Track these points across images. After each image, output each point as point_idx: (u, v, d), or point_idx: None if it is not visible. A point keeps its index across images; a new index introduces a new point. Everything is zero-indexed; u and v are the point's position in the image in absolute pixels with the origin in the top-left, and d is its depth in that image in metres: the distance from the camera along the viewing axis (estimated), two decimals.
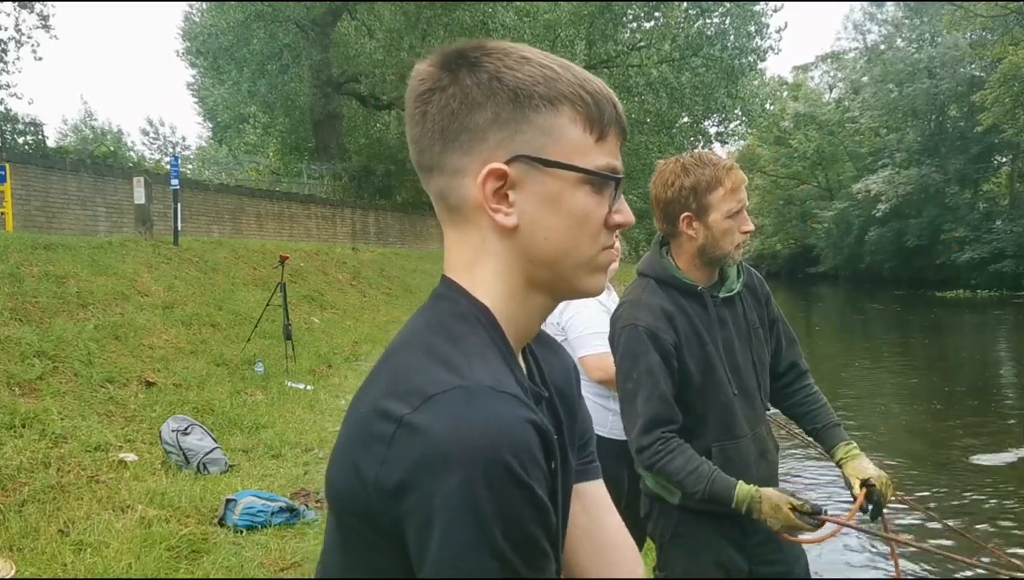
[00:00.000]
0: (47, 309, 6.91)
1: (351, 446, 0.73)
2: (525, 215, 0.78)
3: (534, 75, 0.77)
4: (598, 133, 0.79)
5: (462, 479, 0.64)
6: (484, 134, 0.77)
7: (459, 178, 0.79)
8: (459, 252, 0.82)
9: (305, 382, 7.78)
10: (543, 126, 0.77)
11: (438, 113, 0.79)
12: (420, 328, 0.79)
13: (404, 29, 21.35)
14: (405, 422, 0.67)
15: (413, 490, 0.66)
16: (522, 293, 0.81)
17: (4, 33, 19.32)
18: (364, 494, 0.69)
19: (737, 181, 1.96)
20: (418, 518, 0.66)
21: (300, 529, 4.14)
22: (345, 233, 20.60)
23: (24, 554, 3.60)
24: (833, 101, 50.47)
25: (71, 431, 5.08)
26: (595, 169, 0.78)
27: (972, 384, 11.63)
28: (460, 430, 0.66)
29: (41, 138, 17.65)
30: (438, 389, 0.68)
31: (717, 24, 27.03)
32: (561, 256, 0.79)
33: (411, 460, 0.66)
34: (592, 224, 0.80)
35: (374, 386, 0.75)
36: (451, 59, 0.79)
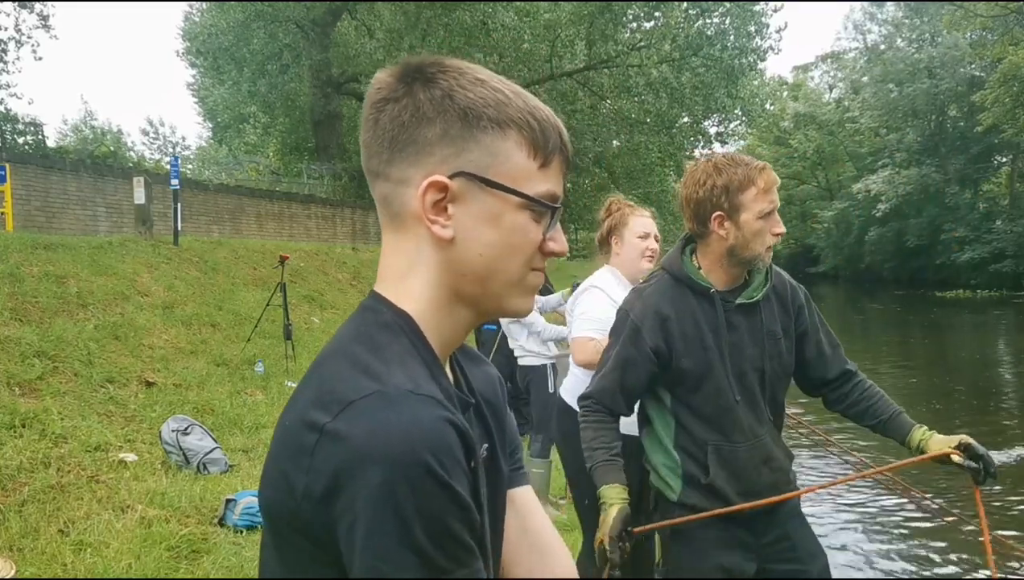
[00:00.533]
0: (47, 309, 6.91)
1: (280, 458, 0.74)
2: (462, 230, 0.80)
3: (486, 97, 0.79)
4: (542, 160, 0.81)
5: (381, 480, 0.66)
6: (431, 148, 0.79)
7: (402, 187, 0.81)
8: (393, 259, 0.84)
9: None
10: (489, 147, 0.79)
11: (389, 122, 0.81)
12: (345, 339, 0.81)
13: (404, 29, 21.34)
14: (326, 430, 0.69)
15: (338, 495, 0.68)
16: (448, 305, 0.83)
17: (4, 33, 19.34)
18: (295, 505, 0.71)
19: (770, 181, 1.95)
20: (345, 522, 0.68)
21: None
22: (345, 233, 20.60)
23: (24, 554, 3.60)
24: (833, 101, 50.47)
25: (71, 431, 5.08)
26: (535, 196, 0.80)
27: (972, 384, 11.63)
28: (378, 433, 0.67)
29: (41, 138, 17.67)
30: (357, 395, 0.70)
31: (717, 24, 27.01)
32: (492, 273, 0.81)
33: (333, 466, 0.68)
34: (526, 248, 0.82)
35: (301, 398, 0.77)
36: (409, 72, 0.82)
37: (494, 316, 0.88)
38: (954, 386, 11.45)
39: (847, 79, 46.62)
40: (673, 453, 2.06)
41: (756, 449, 2.05)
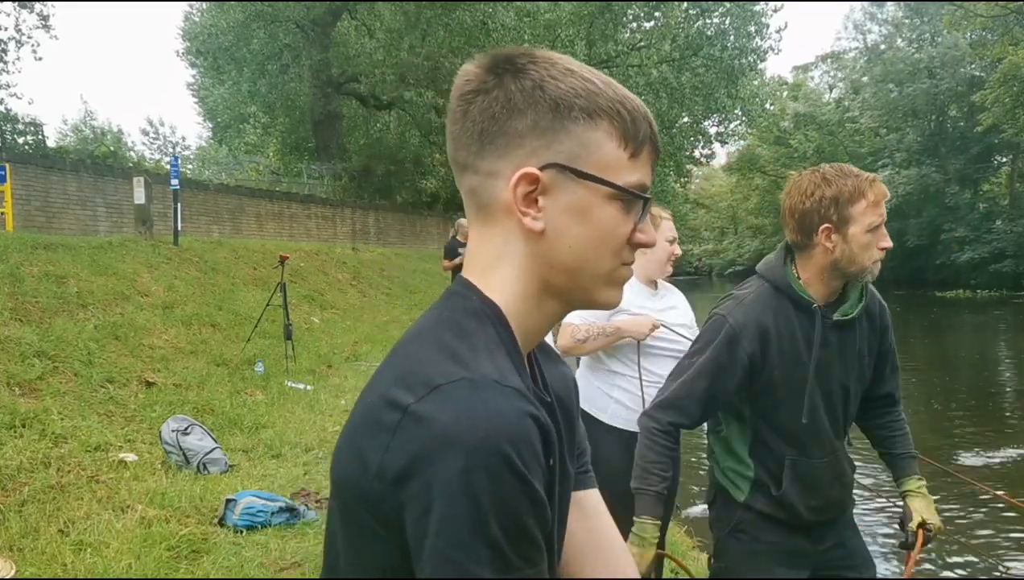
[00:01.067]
0: (47, 309, 6.91)
1: (357, 434, 0.74)
2: (552, 221, 0.80)
3: (576, 87, 0.79)
4: (632, 149, 0.81)
5: (461, 468, 0.65)
6: (521, 140, 0.79)
7: (492, 179, 0.81)
8: (483, 250, 0.84)
9: (305, 382, 7.78)
10: (580, 138, 0.79)
11: (479, 114, 0.80)
12: (431, 323, 0.80)
13: (404, 29, 21.34)
14: (410, 411, 0.69)
15: (414, 478, 0.67)
16: (536, 297, 0.83)
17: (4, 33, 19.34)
18: (367, 481, 0.71)
19: (880, 194, 1.90)
20: (418, 506, 0.67)
21: (300, 529, 4.14)
22: (345, 233, 20.60)
23: (24, 554, 3.60)
24: (833, 101, 50.46)
25: (71, 431, 5.08)
26: (626, 186, 0.80)
27: (972, 384, 11.63)
28: (463, 420, 0.67)
29: (41, 138, 17.67)
30: (444, 380, 0.70)
31: (717, 24, 27.04)
32: (581, 266, 0.81)
33: (414, 448, 0.68)
34: (616, 239, 0.81)
35: (383, 377, 0.77)
36: (499, 63, 0.81)
37: (582, 307, 0.87)
38: (954, 386, 11.45)
39: (847, 79, 46.63)
40: (747, 461, 2.04)
41: (831, 466, 2.05)
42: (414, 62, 20.96)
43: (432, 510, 0.66)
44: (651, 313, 2.89)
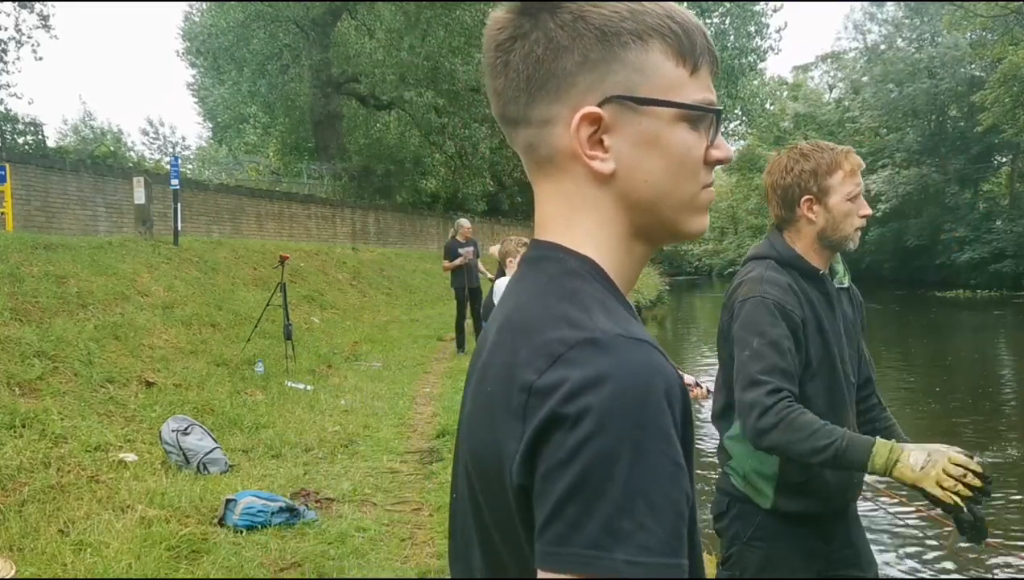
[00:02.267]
0: (47, 309, 6.91)
1: (488, 423, 0.69)
2: (623, 159, 0.74)
3: (619, 10, 0.73)
4: (692, 66, 0.75)
5: (592, 428, 0.60)
6: (573, 79, 0.73)
7: (549, 128, 0.75)
8: (554, 206, 0.78)
9: (305, 382, 7.78)
10: (634, 63, 0.73)
11: (522, 62, 0.74)
12: (529, 293, 0.75)
13: (404, 29, 21.33)
14: (536, 389, 0.64)
15: (545, 444, 0.62)
16: (626, 242, 0.77)
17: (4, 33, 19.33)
18: (506, 472, 0.66)
19: (855, 164, 1.97)
20: (544, 475, 0.62)
21: (300, 529, 4.14)
22: (345, 233, 20.60)
23: (24, 554, 3.60)
24: (833, 101, 50.47)
25: (71, 431, 5.08)
26: (693, 103, 0.75)
27: (971, 384, 11.63)
28: (590, 379, 0.62)
29: (41, 138, 17.67)
30: (564, 347, 0.65)
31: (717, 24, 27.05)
32: (662, 198, 0.76)
33: (545, 421, 0.63)
34: (692, 162, 0.76)
35: (497, 361, 0.71)
36: (530, 3, 0.75)
37: (669, 242, 0.82)
38: (953, 386, 11.45)
39: (847, 79, 46.63)
40: (770, 458, 1.94)
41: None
42: (414, 62, 20.95)
43: (554, 478, 0.61)
44: None
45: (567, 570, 0.59)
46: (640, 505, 0.59)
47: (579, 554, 0.59)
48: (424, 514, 4.52)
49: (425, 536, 4.18)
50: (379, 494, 4.84)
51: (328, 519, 4.32)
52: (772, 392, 1.81)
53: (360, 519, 4.32)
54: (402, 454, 5.79)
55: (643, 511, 0.59)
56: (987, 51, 31.19)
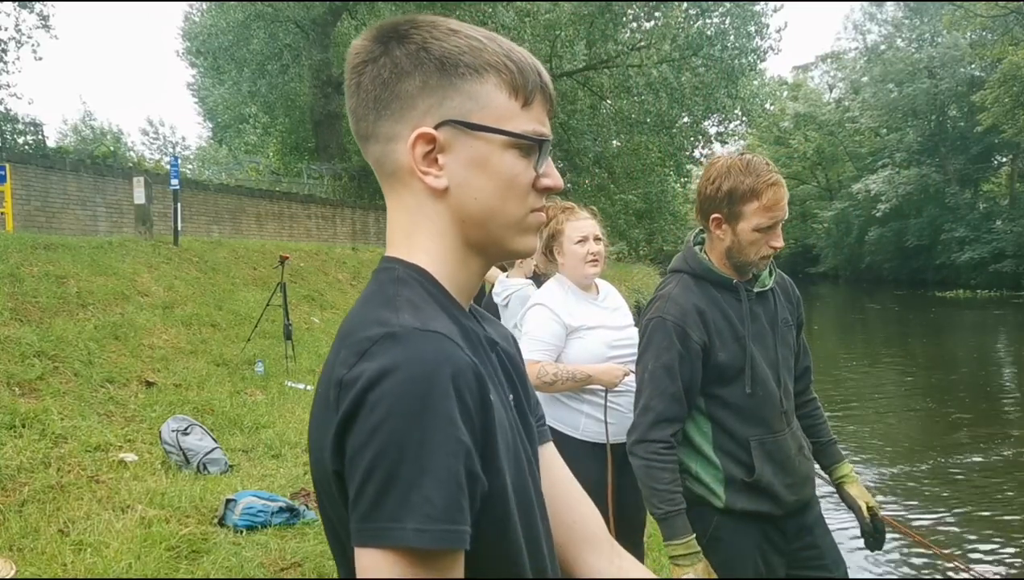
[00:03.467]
0: (47, 309, 6.91)
1: (316, 422, 0.77)
2: (455, 177, 0.81)
3: (460, 45, 0.81)
4: (523, 99, 0.82)
5: (383, 416, 0.67)
6: (413, 101, 0.81)
7: (392, 144, 0.83)
8: (397, 218, 0.86)
9: (305, 382, 7.78)
10: (470, 92, 0.81)
11: (370, 83, 0.82)
12: (359, 301, 0.83)
13: None
14: (344, 382, 0.71)
15: (350, 431, 0.69)
16: (461, 253, 0.84)
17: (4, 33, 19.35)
18: (328, 464, 0.73)
19: (774, 199, 1.94)
20: (350, 458, 0.69)
21: (300, 529, 4.14)
22: (345, 233, 20.60)
23: (24, 554, 3.60)
24: (833, 101, 50.46)
25: (71, 431, 5.08)
26: (520, 132, 0.81)
27: (971, 384, 11.63)
28: (386, 368, 0.68)
29: (41, 138, 17.67)
30: (369, 343, 0.72)
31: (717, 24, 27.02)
32: (490, 216, 0.83)
33: (352, 414, 0.69)
34: (519, 186, 0.83)
35: (327, 365, 0.79)
36: (383, 33, 0.83)
37: (502, 259, 0.89)
38: (953, 386, 11.45)
39: (847, 79, 46.60)
40: (713, 458, 2.03)
41: (792, 438, 2.08)
42: None
43: (356, 461, 0.67)
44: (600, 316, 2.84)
45: (371, 543, 0.67)
46: (426, 480, 0.66)
47: (379, 527, 0.66)
48: None
49: None
50: None
51: None
52: (655, 425, 1.99)
53: None
54: None
55: (429, 485, 0.66)
56: (987, 51, 31.19)
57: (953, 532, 5.54)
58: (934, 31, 38.22)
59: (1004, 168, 38.36)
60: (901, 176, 37.25)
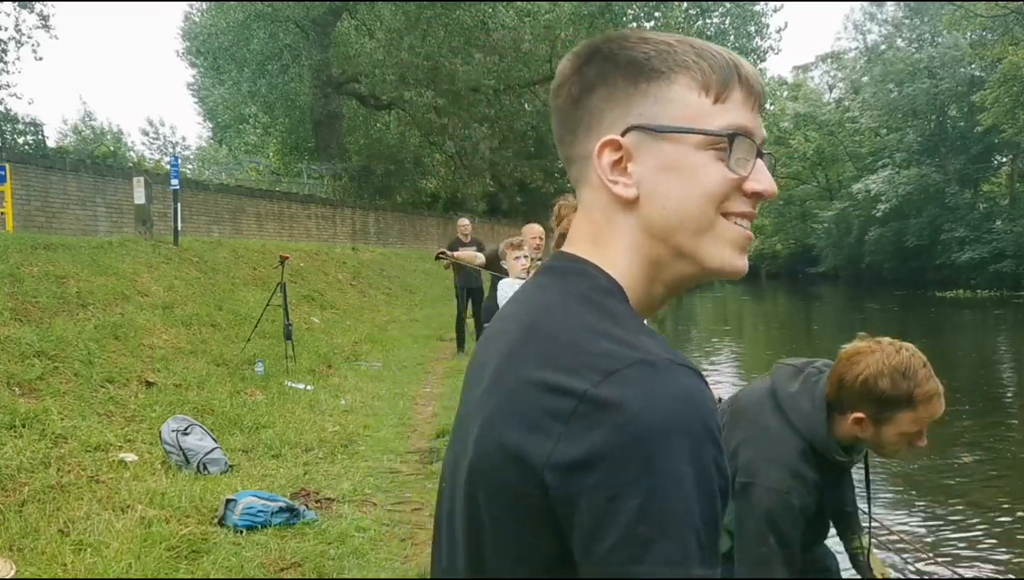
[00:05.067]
0: (47, 309, 6.91)
1: (507, 426, 0.69)
2: (644, 185, 0.76)
3: (647, 51, 0.77)
4: (716, 94, 0.76)
5: (657, 453, 0.62)
6: (602, 114, 0.78)
7: (586, 161, 0.79)
8: (582, 227, 0.81)
9: (305, 382, 7.78)
10: (656, 96, 0.76)
11: (564, 104, 0.81)
12: (560, 301, 0.75)
13: (404, 29, 21.34)
14: (589, 397, 0.65)
15: (599, 466, 0.63)
16: (648, 274, 0.79)
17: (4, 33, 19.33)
18: (525, 474, 0.66)
19: (934, 410, 1.81)
20: (603, 493, 0.63)
21: (300, 529, 4.14)
22: (345, 233, 20.60)
23: (24, 554, 3.60)
24: (833, 101, 50.46)
25: (71, 431, 5.08)
26: (708, 129, 0.75)
27: (971, 383, 11.63)
28: (655, 404, 0.64)
29: (41, 138, 17.68)
30: (619, 363, 0.66)
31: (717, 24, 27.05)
32: (679, 223, 0.76)
33: (599, 437, 0.64)
34: (713, 187, 0.75)
35: (522, 360, 0.71)
36: (577, 53, 0.81)
37: (695, 281, 0.80)
38: (952, 385, 11.45)
39: (847, 79, 46.60)
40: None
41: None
42: (414, 62, 20.95)
43: (624, 497, 0.62)
44: None
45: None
46: (697, 523, 0.63)
47: (658, 570, 0.62)
48: (424, 514, 4.52)
49: (425, 536, 4.18)
50: (379, 494, 4.83)
51: (328, 519, 4.32)
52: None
53: (360, 519, 4.32)
54: (402, 454, 5.79)
55: (704, 532, 0.63)
56: (987, 51, 31.19)
57: (952, 532, 5.53)
58: (934, 31, 38.22)
59: (1004, 168, 38.36)
60: (901, 176, 37.24)
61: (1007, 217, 33.27)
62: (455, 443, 0.81)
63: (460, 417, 0.82)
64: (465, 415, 0.79)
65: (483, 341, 0.86)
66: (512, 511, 0.68)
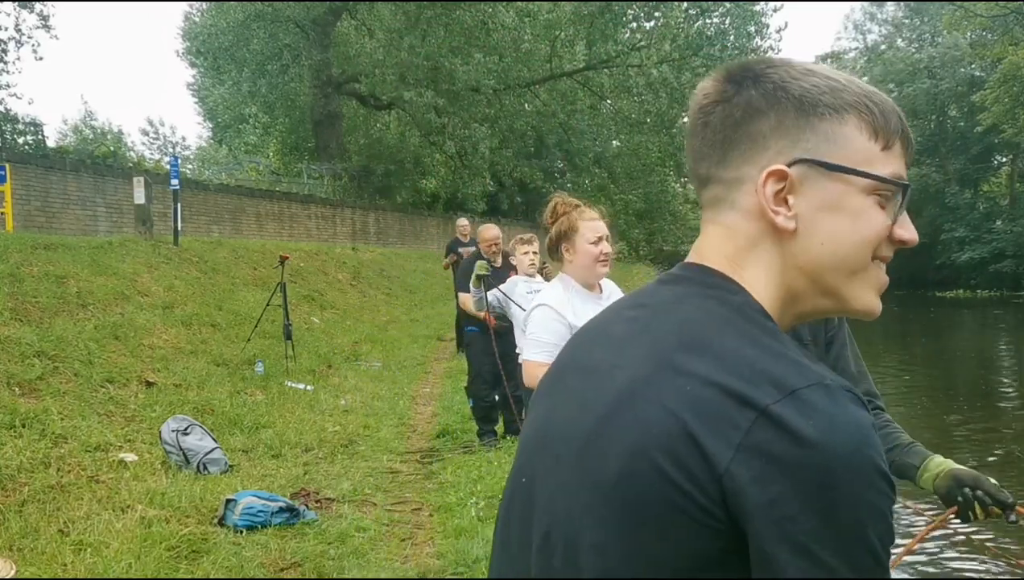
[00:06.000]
0: (47, 309, 6.91)
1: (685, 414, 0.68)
2: (803, 220, 0.76)
3: (819, 84, 0.77)
4: (884, 141, 0.77)
5: (843, 480, 0.64)
6: (766, 141, 0.76)
7: (737, 185, 0.78)
8: (721, 246, 0.80)
9: (305, 382, 7.78)
10: (827, 133, 0.76)
11: (720, 123, 0.78)
12: (720, 313, 0.75)
13: (404, 29, 21.33)
14: (770, 411, 0.65)
15: (773, 483, 0.64)
16: (783, 306, 0.79)
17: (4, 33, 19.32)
18: (686, 480, 0.66)
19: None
20: (779, 511, 0.64)
21: (300, 529, 4.15)
22: (345, 233, 20.60)
23: (24, 554, 3.60)
24: None
25: (71, 431, 5.08)
26: (883, 176, 0.76)
27: (970, 383, 11.63)
28: (836, 430, 0.64)
29: (41, 138, 17.68)
30: (801, 383, 0.66)
31: (717, 24, 27.07)
32: (834, 264, 0.77)
33: (776, 452, 0.64)
34: (872, 234, 0.76)
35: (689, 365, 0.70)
36: (736, 73, 0.80)
37: (834, 313, 0.82)
38: (952, 385, 11.46)
39: None
40: None
41: None
42: (414, 62, 20.94)
43: (801, 518, 0.63)
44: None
45: None
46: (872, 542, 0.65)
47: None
48: (424, 514, 4.52)
49: (425, 536, 4.18)
50: (379, 494, 4.84)
51: (328, 519, 4.32)
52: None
53: (360, 519, 4.32)
54: (402, 454, 5.79)
55: (880, 549, 0.65)
56: (987, 51, 31.20)
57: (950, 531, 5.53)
58: (934, 31, 38.24)
59: (1004, 168, 38.38)
60: None
61: (1007, 217, 33.30)
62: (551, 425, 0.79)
63: (552, 419, 0.80)
64: (574, 413, 0.77)
65: (583, 339, 0.85)
66: (654, 520, 0.68)
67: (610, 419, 0.72)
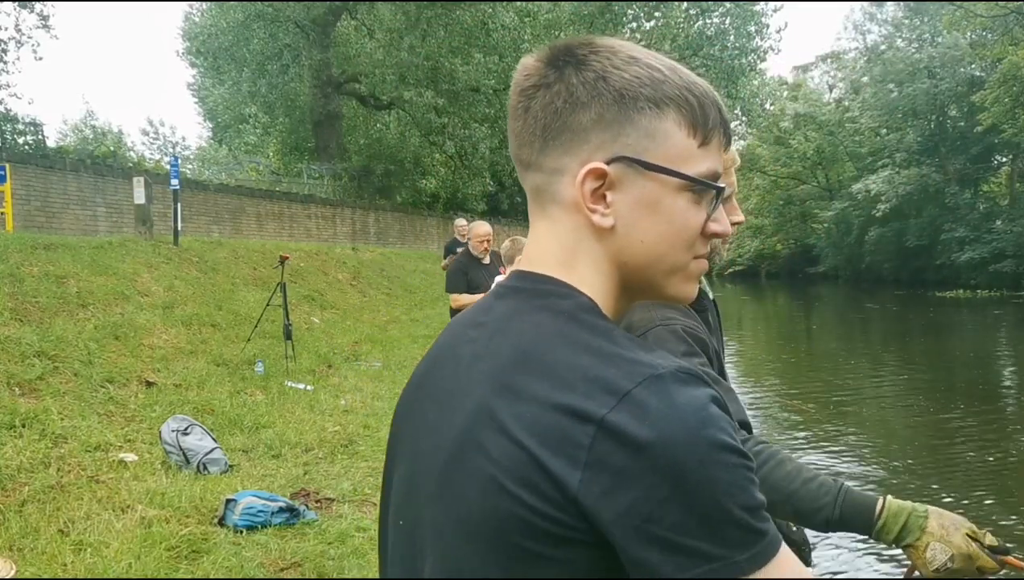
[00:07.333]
0: (47, 309, 6.91)
1: (531, 441, 0.67)
2: (622, 217, 0.77)
3: (641, 76, 0.76)
4: (702, 137, 0.77)
5: (689, 468, 0.63)
6: (587, 135, 0.76)
7: (557, 176, 0.78)
8: (549, 246, 0.80)
9: (305, 382, 7.78)
10: (647, 129, 0.76)
11: (541, 110, 0.78)
12: (551, 323, 0.74)
13: (404, 29, 21.34)
14: (607, 422, 0.65)
15: (627, 492, 0.64)
16: (614, 297, 0.80)
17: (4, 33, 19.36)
18: (544, 505, 0.66)
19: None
20: (636, 517, 0.63)
21: (300, 529, 4.15)
22: (345, 233, 20.61)
23: (24, 554, 3.60)
24: (833, 101, 50.46)
25: (71, 431, 5.08)
26: (697, 176, 0.77)
27: (970, 383, 11.64)
28: (671, 421, 0.64)
29: (41, 138, 17.69)
30: (631, 383, 0.66)
31: (717, 24, 27.09)
32: (654, 261, 0.78)
33: (622, 464, 0.64)
34: (689, 231, 0.78)
35: (525, 384, 0.70)
36: (559, 55, 0.78)
37: (652, 301, 0.85)
38: (952, 385, 11.46)
39: (847, 79, 46.59)
40: None
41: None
42: (414, 62, 20.96)
43: (660, 516, 0.63)
44: None
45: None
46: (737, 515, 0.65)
47: (712, 568, 0.64)
48: None
49: None
50: (379, 494, 4.84)
51: (328, 519, 4.32)
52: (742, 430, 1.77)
53: (360, 519, 4.32)
54: None
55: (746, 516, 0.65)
56: (987, 51, 31.20)
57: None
58: (934, 31, 38.23)
59: (1004, 168, 38.36)
60: (901, 176, 37.23)
61: (1007, 217, 33.28)
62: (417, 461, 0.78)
63: (417, 453, 0.79)
64: (433, 447, 0.76)
65: (434, 363, 0.83)
66: (520, 548, 0.67)
67: (462, 456, 0.71)
